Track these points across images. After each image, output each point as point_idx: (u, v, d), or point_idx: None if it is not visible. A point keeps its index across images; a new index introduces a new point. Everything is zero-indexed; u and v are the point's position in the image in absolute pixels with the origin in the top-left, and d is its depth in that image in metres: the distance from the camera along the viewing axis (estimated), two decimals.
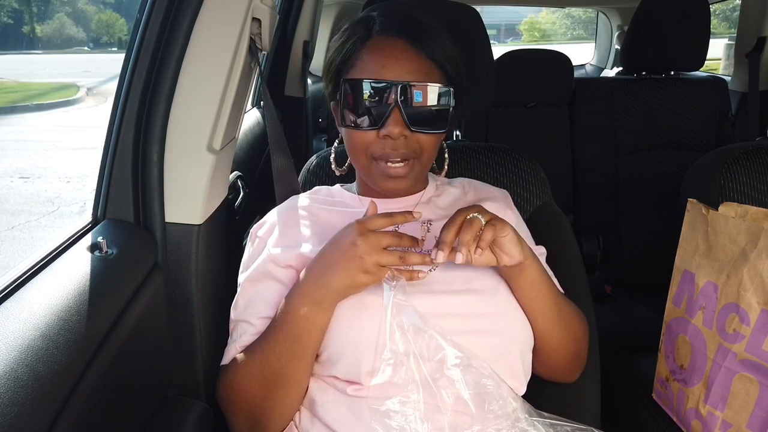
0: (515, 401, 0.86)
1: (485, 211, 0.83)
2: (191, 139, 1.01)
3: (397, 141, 0.90)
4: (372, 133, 0.91)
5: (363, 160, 0.94)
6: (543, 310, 0.91)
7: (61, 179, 5.45)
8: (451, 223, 0.81)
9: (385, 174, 0.92)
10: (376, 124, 0.90)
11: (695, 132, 2.13)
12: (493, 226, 0.81)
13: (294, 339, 0.84)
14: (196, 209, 1.03)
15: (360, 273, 0.80)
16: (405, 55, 0.90)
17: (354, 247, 0.80)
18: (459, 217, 0.81)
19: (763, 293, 0.97)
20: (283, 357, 0.85)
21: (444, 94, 0.91)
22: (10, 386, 0.62)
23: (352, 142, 0.94)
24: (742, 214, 1.03)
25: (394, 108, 0.88)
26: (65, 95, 9.96)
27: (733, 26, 4.05)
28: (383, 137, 0.90)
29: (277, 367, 0.86)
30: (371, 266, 0.80)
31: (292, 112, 2.35)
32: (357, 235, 0.80)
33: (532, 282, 0.89)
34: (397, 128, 0.89)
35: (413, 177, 0.94)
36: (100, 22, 19.58)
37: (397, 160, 0.91)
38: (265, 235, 0.98)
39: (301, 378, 0.87)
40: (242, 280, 0.97)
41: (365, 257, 0.79)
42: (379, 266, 0.80)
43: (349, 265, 0.80)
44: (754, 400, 0.98)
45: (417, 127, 0.90)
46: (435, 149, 0.96)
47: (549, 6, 9.19)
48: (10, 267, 0.83)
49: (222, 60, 1.00)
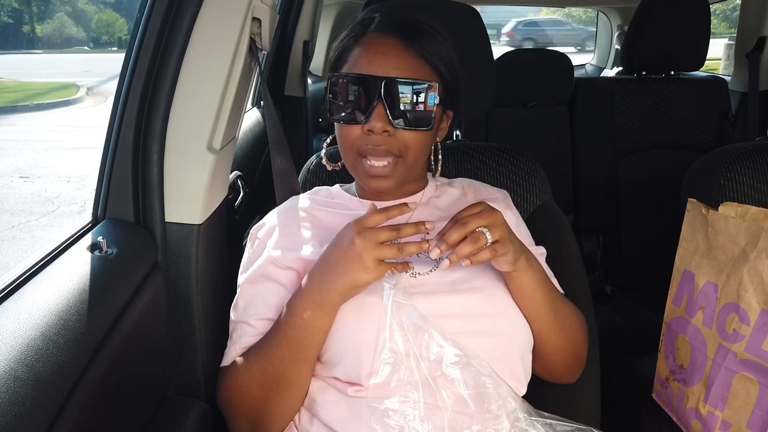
0: (515, 401, 0.86)
1: (497, 228, 0.81)
2: (191, 138, 1.01)
3: (380, 137, 0.90)
4: (357, 128, 0.91)
5: (350, 156, 0.95)
6: (537, 316, 0.91)
7: (61, 179, 5.45)
8: (461, 227, 0.80)
9: (367, 173, 0.93)
10: (361, 118, 0.90)
11: (695, 132, 2.13)
12: (495, 251, 0.81)
13: (297, 343, 0.84)
14: (196, 209, 1.03)
15: (361, 271, 0.80)
16: (393, 51, 0.91)
17: (353, 246, 0.80)
18: (471, 223, 0.80)
19: (763, 293, 0.97)
20: (285, 360, 0.85)
21: (430, 93, 0.90)
22: (10, 386, 0.62)
23: (341, 137, 0.95)
24: (742, 214, 1.02)
25: (377, 103, 0.89)
26: (65, 95, 9.95)
27: (733, 26, 4.05)
28: (367, 132, 0.90)
29: (279, 370, 0.86)
30: (372, 263, 0.79)
31: (292, 111, 2.35)
32: (355, 234, 0.80)
33: (523, 290, 0.89)
34: (380, 123, 0.89)
35: (397, 177, 0.94)
36: (100, 21, 19.56)
37: (379, 158, 0.91)
38: (264, 236, 0.98)
39: (303, 381, 0.87)
40: (242, 282, 0.97)
41: (365, 254, 0.79)
42: (379, 262, 0.80)
43: (350, 264, 0.80)
44: (754, 400, 0.98)
45: (400, 123, 0.90)
46: (422, 149, 0.95)
47: (549, 6, 9.19)
48: (10, 267, 0.82)
49: (222, 60, 1.00)
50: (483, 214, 0.81)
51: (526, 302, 0.90)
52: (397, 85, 0.89)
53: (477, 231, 0.80)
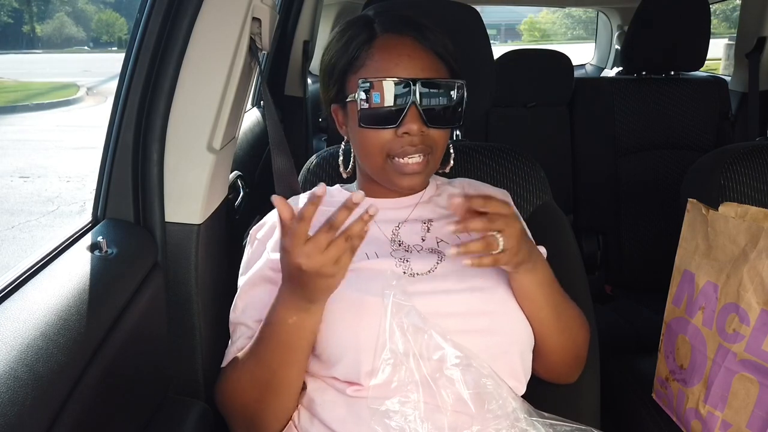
0: (515, 401, 0.86)
1: (511, 239, 0.80)
2: (191, 138, 1.01)
3: (415, 137, 0.90)
4: (389, 131, 0.91)
5: (378, 159, 0.93)
6: (538, 316, 0.91)
7: (61, 179, 5.45)
8: (488, 222, 0.79)
9: (401, 171, 0.92)
10: (394, 122, 0.90)
11: (695, 132, 2.13)
12: (497, 260, 0.81)
13: (285, 347, 0.83)
14: (196, 209, 1.03)
15: (326, 280, 0.76)
16: (415, 52, 0.91)
17: (301, 272, 0.74)
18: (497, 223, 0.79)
19: (763, 293, 0.97)
20: (273, 363, 0.84)
21: (458, 89, 0.92)
22: (10, 386, 0.62)
23: (368, 142, 0.93)
24: (742, 214, 1.02)
25: (411, 105, 0.89)
26: (65, 95, 9.96)
27: (733, 26, 4.05)
28: (401, 135, 0.90)
29: (268, 373, 0.85)
30: (329, 270, 0.74)
31: (292, 111, 2.35)
32: (296, 260, 0.74)
33: (525, 291, 0.89)
34: (416, 125, 0.89)
35: (427, 173, 0.95)
36: (100, 21, 19.58)
37: (414, 156, 0.92)
38: (264, 237, 0.98)
39: (293, 383, 0.87)
40: (241, 284, 0.96)
41: (320, 269, 0.74)
42: (335, 261, 0.74)
43: (313, 280, 0.76)
44: (754, 400, 0.98)
45: (433, 123, 0.91)
46: (446, 144, 0.97)
47: (549, 6, 9.18)
48: (10, 266, 0.83)
49: (222, 59, 1.00)
50: (507, 221, 0.80)
51: (527, 303, 0.90)
52: (430, 86, 0.90)
53: (492, 235, 0.80)
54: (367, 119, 0.91)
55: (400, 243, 0.95)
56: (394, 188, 0.96)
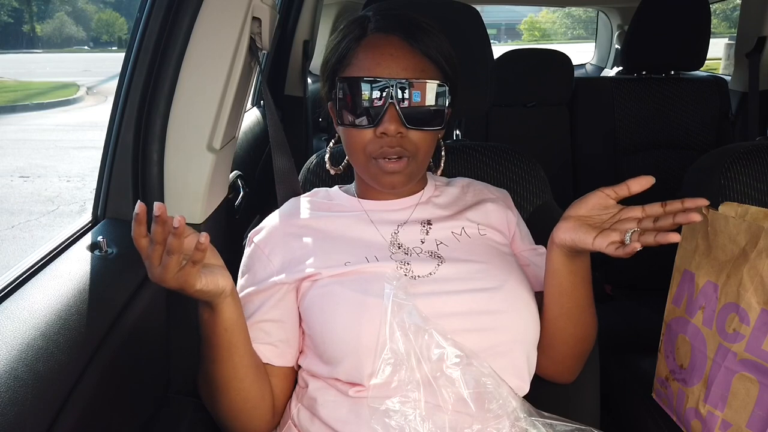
0: (515, 400, 0.86)
1: None
2: (191, 138, 1.01)
3: (393, 138, 0.89)
4: (369, 131, 0.91)
5: (361, 159, 0.94)
6: (566, 303, 0.91)
7: (61, 178, 5.44)
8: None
9: (382, 170, 0.92)
10: (373, 122, 0.89)
11: (695, 132, 2.13)
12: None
13: (209, 343, 0.84)
14: (196, 208, 1.03)
15: (183, 289, 0.74)
16: (400, 52, 0.90)
17: (155, 278, 0.73)
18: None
19: (763, 293, 0.97)
20: (207, 360, 0.86)
21: (440, 92, 0.91)
22: (11, 385, 0.63)
23: (350, 141, 0.93)
24: (742, 214, 1.02)
25: (389, 106, 0.88)
26: (65, 94, 9.95)
27: (733, 26, 4.05)
28: (380, 135, 0.90)
29: (209, 371, 0.86)
30: (175, 283, 0.73)
31: (293, 111, 2.35)
32: (155, 278, 0.73)
33: (574, 272, 0.89)
34: (393, 125, 0.88)
35: (408, 174, 0.94)
36: (100, 21, 19.58)
37: (393, 157, 0.91)
38: (261, 243, 0.97)
39: (230, 381, 0.86)
40: (239, 287, 0.96)
41: (171, 283, 0.73)
42: (174, 273, 0.72)
43: (181, 290, 0.75)
44: (754, 400, 0.98)
45: (413, 124, 0.90)
46: (431, 147, 0.95)
47: (549, 6, 9.18)
48: (10, 266, 0.83)
49: (222, 59, 1.00)
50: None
51: (555, 282, 0.90)
52: (409, 87, 0.88)
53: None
54: (346, 118, 0.92)
55: (399, 246, 0.95)
56: (379, 187, 0.96)
